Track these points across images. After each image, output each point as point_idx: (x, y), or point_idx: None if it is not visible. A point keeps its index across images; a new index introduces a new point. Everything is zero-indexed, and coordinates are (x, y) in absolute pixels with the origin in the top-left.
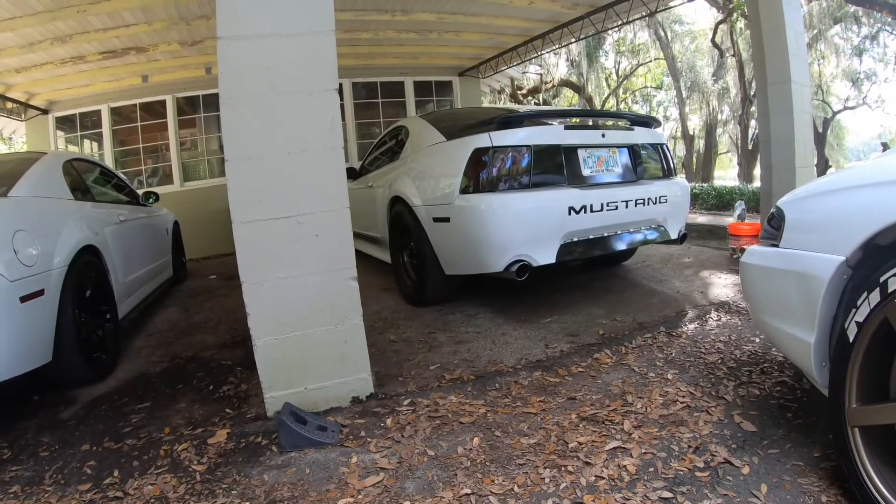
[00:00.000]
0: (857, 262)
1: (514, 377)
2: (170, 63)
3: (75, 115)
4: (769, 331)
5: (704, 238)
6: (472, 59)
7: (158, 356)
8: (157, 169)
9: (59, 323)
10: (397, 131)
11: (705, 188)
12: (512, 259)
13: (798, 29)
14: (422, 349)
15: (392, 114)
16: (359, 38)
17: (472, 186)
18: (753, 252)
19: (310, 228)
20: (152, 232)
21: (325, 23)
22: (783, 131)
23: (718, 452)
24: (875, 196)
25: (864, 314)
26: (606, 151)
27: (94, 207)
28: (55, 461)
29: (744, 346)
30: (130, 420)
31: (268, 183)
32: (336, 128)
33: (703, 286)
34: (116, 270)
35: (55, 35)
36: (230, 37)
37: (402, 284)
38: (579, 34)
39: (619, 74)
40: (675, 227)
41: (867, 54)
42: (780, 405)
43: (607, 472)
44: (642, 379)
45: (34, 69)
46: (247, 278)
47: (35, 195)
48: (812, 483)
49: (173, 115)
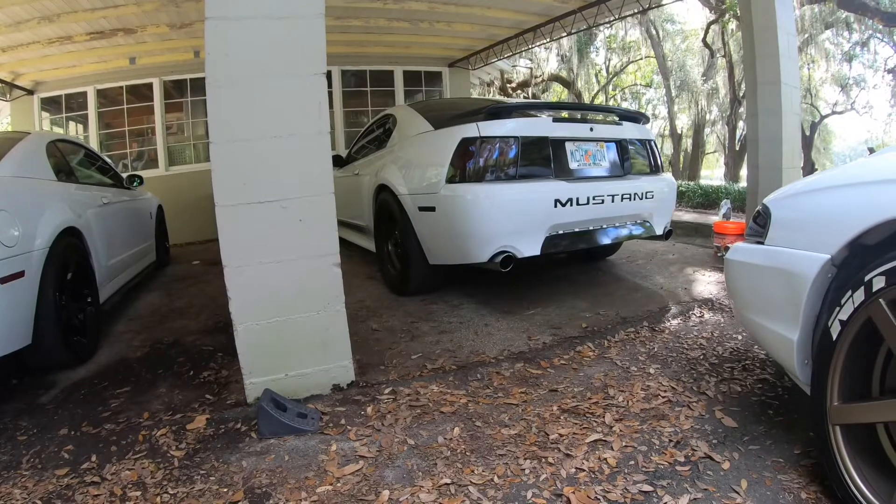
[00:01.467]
0: (842, 261)
1: (497, 368)
2: (158, 45)
3: (61, 97)
4: (752, 327)
5: (690, 235)
6: (463, 51)
7: (139, 341)
8: (142, 153)
9: (39, 305)
10: (385, 119)
11: (692, 186)
12: (497, 250)
13: (790, 31)
14: (404, 338)
15: (381, 103)
16: (349, 25)
17: (458, 176)
18: (739, 249)
19: (294, 213)
20: (136, 215)
21: (315, 6)
22: (771, 132)
23: (699, 447)
24: (861, 195)
25: (847, 313)
26: (594, 145)
27: (78, 189)
28: (33, 445)
29: (726, 342)
30: (109, 405)
31: (252, 166)
32: (323, 112)
33: (687, 283)
34: (98, 253)
35: (42, 14)
36: (218, 17)
37: (386, 273)
38: (571, 29)
39: (610, 71)
40: (661, 223)
41: (857, 60)
42: (762, 402)
43: (588, 464)
44: (624, 373)
45: (20, 49)
46: (229, 262)
47: (17, 175)
48: (792, 479)
49: (160, 99)
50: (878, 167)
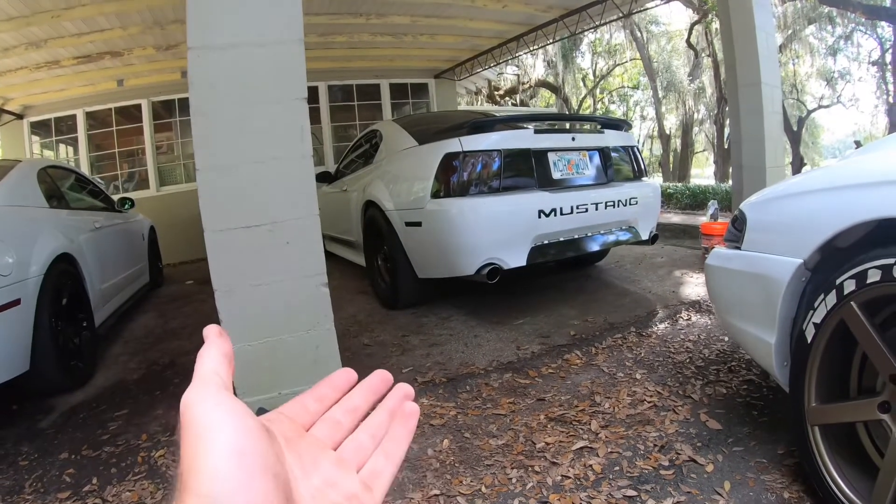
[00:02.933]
0: (815, 265)
1: (486, 379)
2: (145, 67)
3: (50, 120)
4: (733, 331)
5: (678, 238)
6: (448, 62)
7: (136, 363)
8: (133, 174)
9: (35, 332)
10: (371, 135)
11: (679, 188)
12: (483, 262)
13: (769, 31)
14: (395, 352)
15: (368, 116)
16: (334, 41)
17: (443, 191)
18: (717, 254)
19: (281, 236)
20: (128, 238)
21: (293, 32)
22: (754, 132)
23: (683, 451)
24: (831, 200)
25: (821, 316)
26: (577, 154)
27: (70, 215)
28: (34, 470)
29: (712, 344)
30: (108, 427)
31: (239, 192)
32: (306, 136)
33: (675, 286)
34: (92, 278)
35: (29, 40)
36: (200, 47)
37: (376, 288)
38: (554, 36)
39: (596, 75)
40: (647, 227)
41: (841, 53)
42: (747, 403)
43: (573, 471)
44: (611, 379)
45: (8, 74)
46: (219, 286)
47: (10, 204)
48: (775, 480)
49: (149, 119)
50: (848, 171)
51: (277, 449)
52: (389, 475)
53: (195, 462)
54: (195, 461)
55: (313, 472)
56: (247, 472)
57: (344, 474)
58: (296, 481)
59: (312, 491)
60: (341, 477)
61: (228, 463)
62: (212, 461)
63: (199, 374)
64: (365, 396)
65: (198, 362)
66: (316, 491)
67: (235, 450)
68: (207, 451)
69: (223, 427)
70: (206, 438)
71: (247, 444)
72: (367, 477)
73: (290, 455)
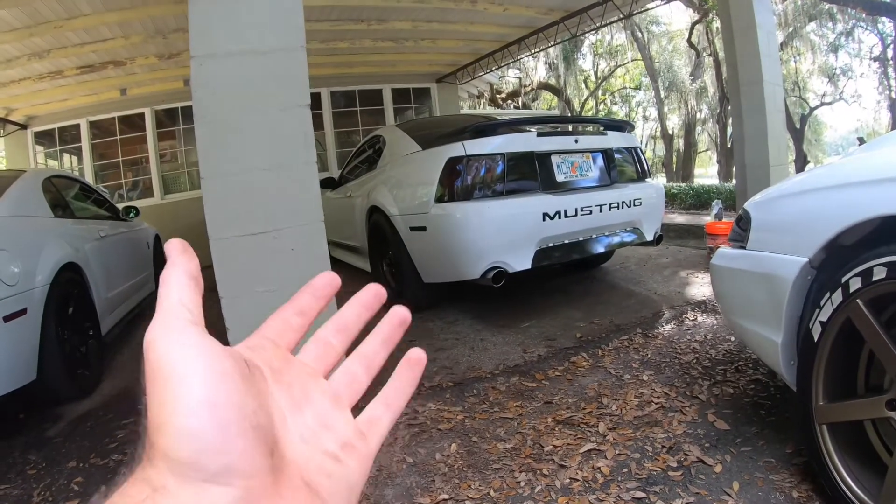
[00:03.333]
0: (820, 263)
1: (492, 383)
2: (148, 76)
3: (54, 130)
4: (740, 331)
5: (683, 238)
6: (450, 66)
7: (142, 371)
8: (137, 182)
9: (42, 341)
10: (375, 140)
11: (683, 188)
12: (488, 266)
13: (769, 29)
14: (401, 357)
15: (371, 122)
16: (336, 47)
17: (447, 195)
18: (722, 254)
19: (285, 243)
20: (133, 246)
21: (295, 39)
22: (756, 130)
23: (692, 451)
24: (837, 198)
25: (827, 314)
26: (580, 157)
27: (75, 224)
28: (43, 479)
29: (719, 344)
30: (116, 436)
31: (243, 199)
32: (309, 142)
33: (681, 286)
34: (98, 286)
35: (32, 51)
36: (203, 56)
37: None
38: (555, 39)
39: (598, 76)
40: (651, 228)
41: (843, 50)
42: (754, 403)
43: (582, 474)
44: (618, 381)
45: (12, 85)
46: (225, 293)
47: (15, 214)
48: (784, 479)
49: (152, 128)
50: (852, 169)
51: (260, 391)
52: (387, 424)
53: (161, 416)
54: (161, 415)
55: (305, 406)
56: (222, 427)
57: (338, 413)
58: (283, 421)
59: (304, 431)
60: (335, 417)
61: (200, 418)
62: (180, 417)
63: (162, 305)
64: (357, 313)
65: (161, 289)
66: (308, 431)
67: (207, 401)
68: (175, 404)
69: (192, 373)
70: (173, 388)
71: (220, 392)
72: (363, 423)
73: (278, 388)
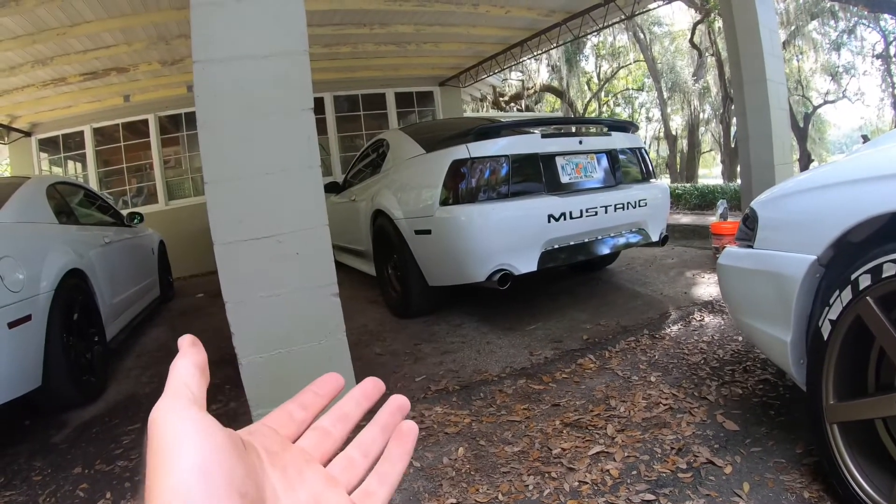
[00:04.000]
0: (829, 261)
1: (499, 386)
2: (151, 82)
3: (58, 137)
4: (748, 331)
5: (688, 238)
6: (452, 69)
7: (147, 377)
8: (141, 188)
9: (47, 347)
10: (378, 144)
11: (687, 188)
12: (493, 269)
13: (772, 28)
14: (408, 361)
15: (374, 126)
16: (338, 52)
17: (451, 198)
18: (729, 253)
19: (290, 247)
20: (138, 252)
21: (298, 43)
22: (761, 129)
23: (701, 453)
24: (844, 195)
25: (836, 312)
26: (584, 158)
27: (79, 230)
28: (48, 485)
29: (727, 345)
30: (122, 442)
31: (247, 204)
32: (313, 146)
33: (687, 286)
34: (103, 292)
35: (35, 58)
36: (205, 60)
37: (387, 297)
38: (557, 41)
39: (601, 78)
40: (656, 229)
41: (845, 48)
42: (763, 403)
43: (591, 476)
44: (626, 383)
45: (16, 92)
46: (230, 298)
47: (19, 220)
48: (794, 480)
49: (156, 134)
50: (859, 165)
51: (251, 465)
52: (383, 498)
53: (157, 479)
54: (158, 478)
55: (299, 487)
56: (211, 492)
57: (332, 492)
58: (276, 499)
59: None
60: (329, 495)
61: (191, 482)
62: (174, 479)
63: (169, 386)
64: (357, 403)
65: (170, 374)
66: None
67: (200, 468)
68: (171, 469)
69: (188, 443)
70: (170, 455)
71: (212, 461)
72: (358, 498)
73: (273, 469)
